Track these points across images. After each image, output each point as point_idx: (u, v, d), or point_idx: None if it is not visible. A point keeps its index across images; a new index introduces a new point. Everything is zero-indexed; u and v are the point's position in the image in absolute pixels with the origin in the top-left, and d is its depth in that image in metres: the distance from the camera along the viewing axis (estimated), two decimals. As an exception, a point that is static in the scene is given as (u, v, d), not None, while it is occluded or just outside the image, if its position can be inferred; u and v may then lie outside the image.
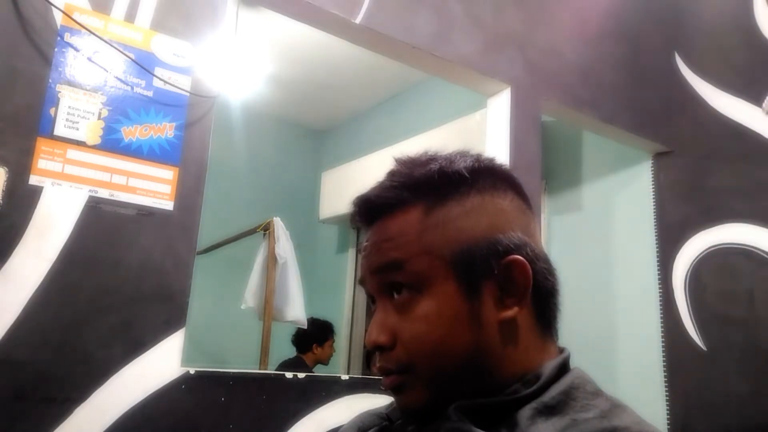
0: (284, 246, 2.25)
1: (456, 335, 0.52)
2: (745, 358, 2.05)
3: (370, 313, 1.65)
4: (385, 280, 0.55)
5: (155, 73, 1.32)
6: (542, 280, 0.55)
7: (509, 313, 0.53)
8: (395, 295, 0.55)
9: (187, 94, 1.36)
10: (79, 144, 1.22)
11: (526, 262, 0.53)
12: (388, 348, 0.54)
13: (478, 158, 0.58)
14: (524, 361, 0.53)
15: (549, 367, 0.52)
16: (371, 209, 0.58)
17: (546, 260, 0.56)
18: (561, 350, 0.57)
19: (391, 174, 0.58)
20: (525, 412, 0.48)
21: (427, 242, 0.54)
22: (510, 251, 0.53)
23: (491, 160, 0.59)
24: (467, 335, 0.52)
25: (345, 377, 1.54)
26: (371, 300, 0.59)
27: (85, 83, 1.24)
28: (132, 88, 1.30)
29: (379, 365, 0.56)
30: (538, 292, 0.54)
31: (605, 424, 0.47)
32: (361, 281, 0.60)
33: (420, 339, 0.52)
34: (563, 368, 0.53)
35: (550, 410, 0.49)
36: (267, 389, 1.38)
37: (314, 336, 3.03)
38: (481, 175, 0.56)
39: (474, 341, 0.52)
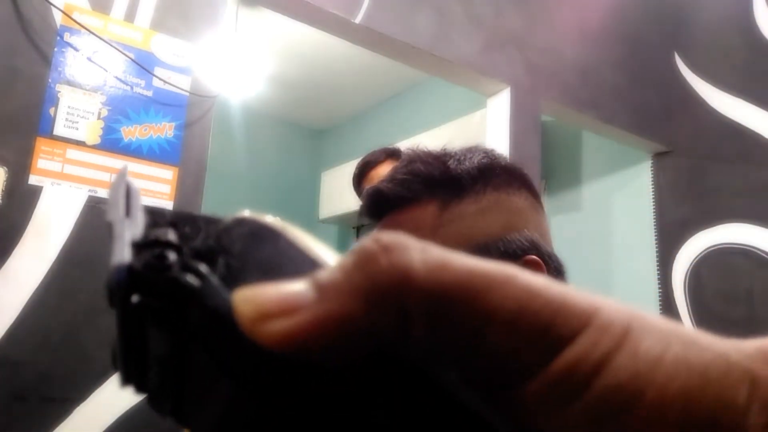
0: (284, 246, 2.25)
1: None
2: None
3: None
4: None
5: (155, 72, 1.32)
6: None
7: None
8: None
9: (187, 94, 1.36)
10: (78, 144, 1.22)
11: (542, 263, 0.52)
12: None
13: (493, 155, 0.57)
14: None
15: None
16: (383, 202, 0.56)
17: (557, 260, 0.55)
18: None
19: (406, 167, 0.56)
20: None
21: (442, 239, 0.52)
22: (525, 251, 0.52)
23: (505, 158, 0.58)
24: None
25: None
26: None
27: (84, 83, 1.24)
28: (132, 88, 1.30)
29: None
30: None
31: None
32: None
33: None
34: None
35: None
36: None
37: None
38: (496, 173, 0.55)
39: None
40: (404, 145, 1.65)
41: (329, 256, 0.15)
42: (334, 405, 0.13)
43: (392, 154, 1.60)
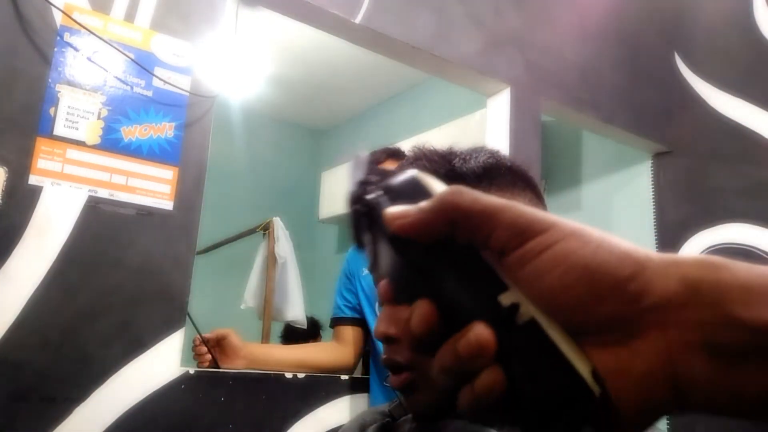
0: (284, 246, 2.25)
1: None
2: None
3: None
4: None
5: (155, 72, 1.32)
6: None
7: None
8: None
9: (187, 94, 1.36)
10: (78, 144, 1.22)
11: None
12: (398, 340, 0.54)
13: (498, 155, 0.58)
14: None
15: None
16: None
17: None
18: None
19: (411, 164, 0.56)
20: None
21: None
22: None
23: (510, 159, 0.59)
24: None
25: (344, 377, 1.54)
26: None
27: (84, 83, 1.24)
28: (132, 88, 1.30)
29: (386, 357, 0.55)
30: None
31: None
32: (371, 268, 0.59)
33: None
34: None
35: None
36: (266, 389, 1.38)
37: (308, 333, 3.03)
38: (501, 173, 0.56)
39: None
40: (404, 145, 1.65)
41: (438, 188, 0.30)
42: (427, 260, 0.28)
43: (393, 154, 1.60)
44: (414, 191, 0.29)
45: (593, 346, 0.24)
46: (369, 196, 0.31)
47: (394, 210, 0.28)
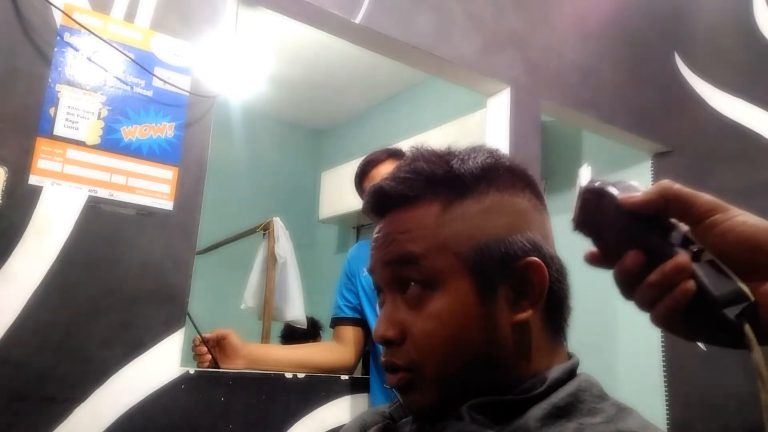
0: (284, 246, 2.25)
1: (468, 335, 0.51)
2: (744, 358, 2.05)
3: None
4: (398, 274, 0.54)
5: (155, 72, 1.32)
6: (555, 284, 0.54)
7: (523, 315, 0.52)
8: (407, 290, 0.53)
9: (187, 94, 1.36)
10: (78, 144, 1.22)
11: (544, 265, 0.52)
12: (396, 343, 0.53)
13: (497, 155, 0.57)
14: (535, 363, 0.53)
15: (559, 370, 0.52)
16: (385, 200, 0.56)
17: (559, 263, 0.55)
18: (570, 356, 0.57)
19: (409, 165, 0.56)
20: (535, 412, 0.48)
21: (445, 238, 0.52)
22: (527, 252, 0.52)
23: (509, 158, 0.58)
24: (479, 335, 0.51)
25: (344, 377, 1.54)
26: (377, 291, 0.58)
27: (84, 83, 1.24)
28: (132, 88, 1.30)
29: (385, 359, 0.55)
30: (551, 296, 0.53)
31: (611, 428, 0.47)
32: (369, 271, 0.58)
33: (431, 336, 0.51)
34: (572, 373, 0.53)
35: (559, 411, 0.48)
36: (266, 389, 1.38)
37: (309, 333, 3.03)
38: (499, 173, 0.55)
39: (486, 342, 0.51)
40: (404, 145, 1.65)
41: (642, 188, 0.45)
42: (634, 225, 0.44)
43: (394, 153, 1.60)
44: (628, 188, 0.45)
45: (751, 280, 0.39)
46: (599, 185, 0.46)
47: (627, 193, 0.44)
